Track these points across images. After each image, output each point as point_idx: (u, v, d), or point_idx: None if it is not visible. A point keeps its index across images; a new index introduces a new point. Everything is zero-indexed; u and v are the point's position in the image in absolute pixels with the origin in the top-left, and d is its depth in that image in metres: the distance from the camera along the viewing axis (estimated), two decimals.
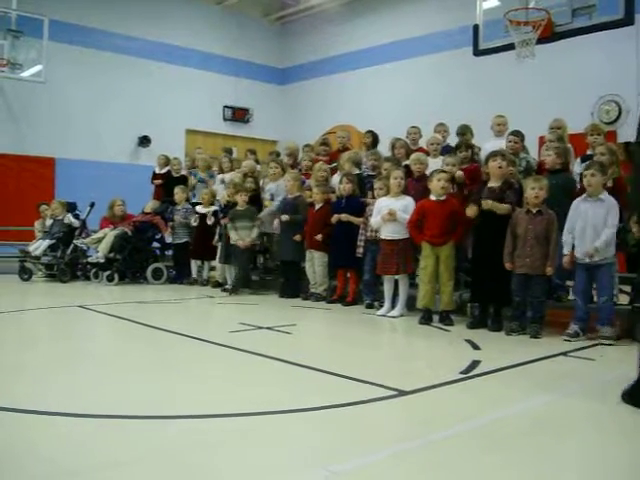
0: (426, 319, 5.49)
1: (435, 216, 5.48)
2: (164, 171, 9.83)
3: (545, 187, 4.95)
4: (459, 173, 5.89)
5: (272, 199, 7.65)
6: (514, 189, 5.25)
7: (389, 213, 5.77)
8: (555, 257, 4.90)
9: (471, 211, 5.28)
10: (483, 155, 6.15)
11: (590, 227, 4.73)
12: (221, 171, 8.97)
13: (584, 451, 2.53)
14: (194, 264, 8.62)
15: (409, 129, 7.57)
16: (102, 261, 8.33)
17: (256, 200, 8.03)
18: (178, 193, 8.79)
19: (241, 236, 7.52)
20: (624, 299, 5.34)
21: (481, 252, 5.33)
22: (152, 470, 2.18)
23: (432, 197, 5.58)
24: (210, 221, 8.16)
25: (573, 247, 4.83)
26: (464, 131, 7.06)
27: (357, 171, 7.06)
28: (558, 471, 2.28)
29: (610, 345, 4.56)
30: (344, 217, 6.56)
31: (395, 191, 5.94)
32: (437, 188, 5.51)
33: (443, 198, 5.52)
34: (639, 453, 2.52)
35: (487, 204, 5.14)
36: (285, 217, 7.14)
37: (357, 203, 6.60)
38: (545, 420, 2.88)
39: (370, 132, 8.00)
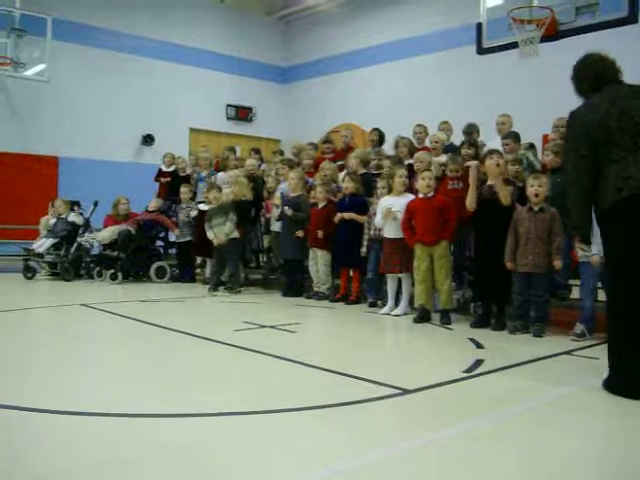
0: (421, 318, 5.48)
1: (424, 213, 5.52)
2: (171, 169, 9.83)
3: (545, 184, 4.93)
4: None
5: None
6: (513, 187, 5.24)
7: (388, 213, 5.79)
8: (561, 252, 4.88)
9: (470, 203, 5.25)
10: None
11: None
12: (225, 169, 8.92)
13: (591, 450, 2.52)
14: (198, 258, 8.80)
15: (415, 128, 7.52)
16: (96, 244, 8.34)
17: (257, 199, 8.01)
18: (185, 192, 8.78)
19: (217, 233, 7.48)
20: None
21: (483, 251, 5.32)
22: (155, 468, 2.19)
23: (420, 195, 5.63)
24: None
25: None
26: (471, 130, 7.04)
27: (364, 170, 7.04)
28: (564, 469, 2.27)
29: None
30: (347, 216, 6.55)
31: (399, 190, 5.94)
32: (422, 186, 5.57)
33: (430, 195, 5.55)
34: None
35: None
36: (289, 210, 7.13)
37: (360, 202, 6.59)
38: (549, 418, 2.87)
39: (376, 130, 7.96)
